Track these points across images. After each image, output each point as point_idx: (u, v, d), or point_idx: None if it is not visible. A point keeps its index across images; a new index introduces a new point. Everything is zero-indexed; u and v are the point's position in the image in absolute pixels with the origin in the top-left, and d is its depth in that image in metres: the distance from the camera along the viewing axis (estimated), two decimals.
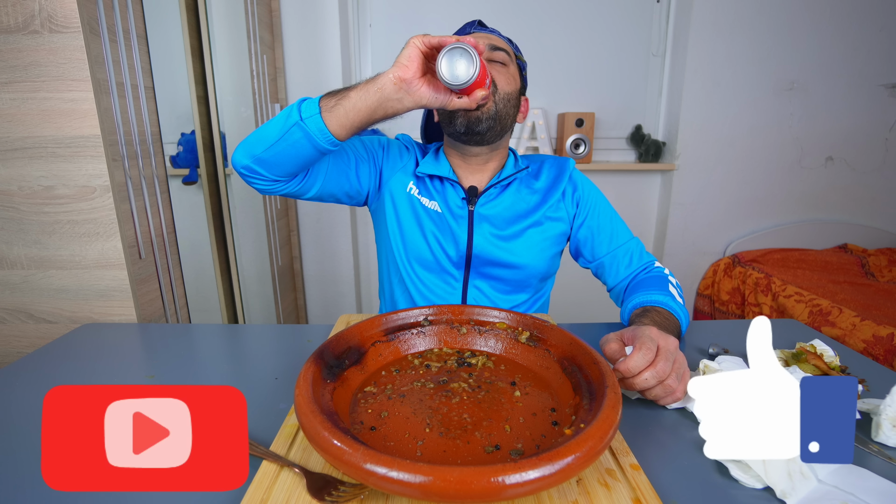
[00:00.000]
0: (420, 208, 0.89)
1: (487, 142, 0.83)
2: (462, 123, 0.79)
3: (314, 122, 0.67)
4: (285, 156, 0.71)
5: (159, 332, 0.86)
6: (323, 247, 2.09)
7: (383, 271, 0.98)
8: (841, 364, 0.64)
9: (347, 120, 0.67)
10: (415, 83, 0.64)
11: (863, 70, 2.12)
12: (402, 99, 0.65)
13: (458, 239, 0.87)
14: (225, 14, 1.46)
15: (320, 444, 0.39)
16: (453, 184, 0.88)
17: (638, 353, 0.54)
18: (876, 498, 0.43)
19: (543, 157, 0.95)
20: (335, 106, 0.67)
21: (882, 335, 1.46)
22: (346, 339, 0.58)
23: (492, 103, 0.79)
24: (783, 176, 2.22)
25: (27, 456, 0.50)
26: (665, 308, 0.75)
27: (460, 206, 0.88)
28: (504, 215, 0.87)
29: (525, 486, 0.35)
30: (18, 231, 0.89)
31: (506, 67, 0.82)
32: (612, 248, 0.89)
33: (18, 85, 0.82)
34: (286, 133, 0.69)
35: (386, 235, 0.93)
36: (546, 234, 0.89)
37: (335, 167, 0.83)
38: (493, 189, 0.87)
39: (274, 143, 0.70)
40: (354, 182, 0.87)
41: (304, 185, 0.79)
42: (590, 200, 0.91)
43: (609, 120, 2.24)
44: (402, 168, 0.91)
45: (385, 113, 0.67)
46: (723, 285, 2.18)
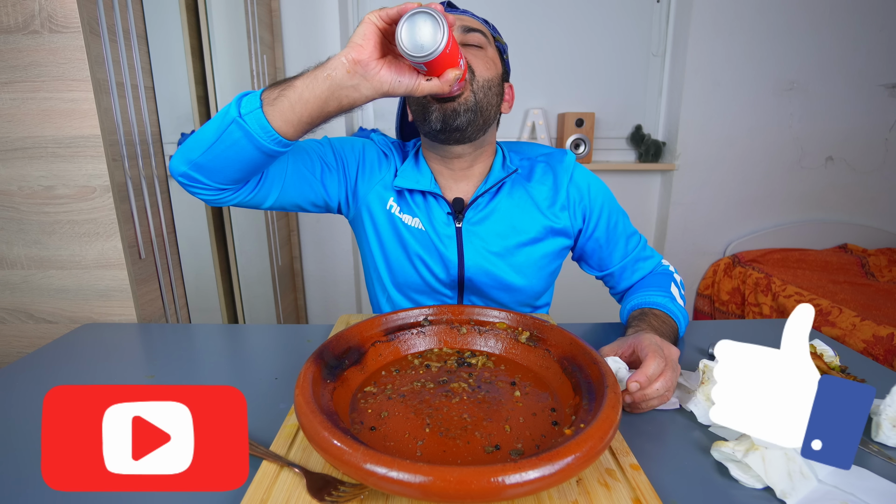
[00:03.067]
0: (402, 228, 0.78)
1: (469, 138, 0.72)
2: (437, 119, 0.68)
3: (254, 118, 0.57)
4: (225, 160, 0.61)
5: (159, 332, 0.86)
6: (323, 247, 2.09)
7: (371, 285, 0.89)
8: (841, 364, 0.64)
9: (294, 114, 0.57)
10: (372, 65, 0.53)
11: (863, 70, 2.12)
12: (357, 86, 0.54)
13: (448, 261, 0.78)
14: (225, 14, 1.46)
15: (320, 444, 0.39)
16: (436, 197, 0.77)
17: (652, 363, 0.54)
18: (876, 498, 0.43)
19: (535, 153, 0.83)
20: (278, 98, 0.57)
21: (882, 335, 1.46)
22: (346, 339, 0.58)
23: (469, 92, 0.68)
24: (783, 176, 2.22)
25: (27, 456, 0.50)
26: (663, 311, 0.74)
27: (446, 223, 0.77)
28: (496, 228, 0.78)
29: (525, 486, 0.35)
30: (18, 231, 0.89)
31: (483, 51, 0.72)
32: (622, 259, 0.83)
33: (18, 85, 0.82)
34: (224, 132, 0.58)
35: (370, 254, 0.84)
36: (546, 250, 0.80)
37: (295, 174, 0.73)
38: (480, 199, 0.77)
39: (211, 145, 0.60)
40: (320, 191, 0.77)
41: (258, 194, 0.69)
42: (597, 209, 0.80)
43: (609, 120, 2.24)
44: (381, 181, 0.80)
45: (339, 104, 0.56)
46: (723, 285, 2.18)
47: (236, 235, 1.50)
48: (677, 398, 0.59)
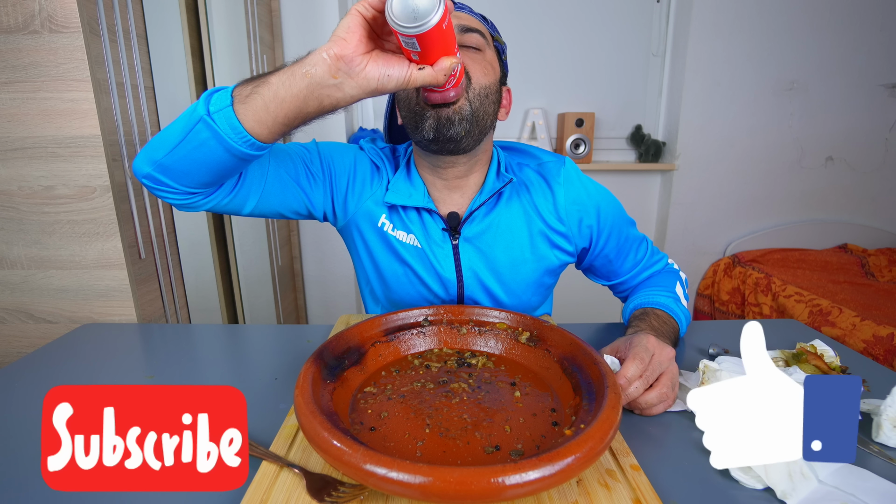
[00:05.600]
0: (398, 245, 0.75)
1: (464, 149, 0.67)
2: (431, 127, 0.63)
3: (224, 116, 0.51)
4: (192, 162, 0.55)
5: (159, 333, 0.86)
6: (323, 247, 2.09)
7: (365, 296, 0.86)
8: (841, 364, 0.64)
9: (268, 114, 0.51)
10: (357, 61, 0.48)
11: (863, 70, 2.12)
12: (341, 84, 0.48)
13: (446, 281, 0.75)
14: (225, 14, 1.46)
15: (320, 444, 0.39)
16: (431, 213, 0.73)
17: (631, 365, 0.55)
18: (876, 498, 0.43)
19: (532, 161, 0.78)
20: (251, 95, 0.51)
21: (882, 335, 1.45)
22: (346, 339, 0.58)
23: (465, 101, 0.63)
24: (783, 176, 2.22)
25: (27, 456, 0.50)
26: (665, 310, 0.74)
27: (441, 240, 0.74)
28: (495, 242, 0.74)
29: (525, 486, 0.35)
30: (18, 231, 0.89)
31: (481, 54, 0.67)
32: (632, 269, 0.81)
33: (18, 85, 0.82)
34: (190, 132, 0.53)
35: (362, 269, 0.81)
36: (547, 266, 0.77)
37: (276, 180, 0.67)
38: (477, 212, 0.73)
39: (176, 145, 0.54)
40: (303, 199, 0.72)
41: (234, 200, 0.64)
42: (606, 228, 0.76)
43: (609, 120, 2.24)
44: (371, 196, 0.75)
45: (320, 104, 0.50)
46: (723, 285, 2.18)
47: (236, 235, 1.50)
48: (680, 399, 0.59)
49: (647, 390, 0.56)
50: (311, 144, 0.76)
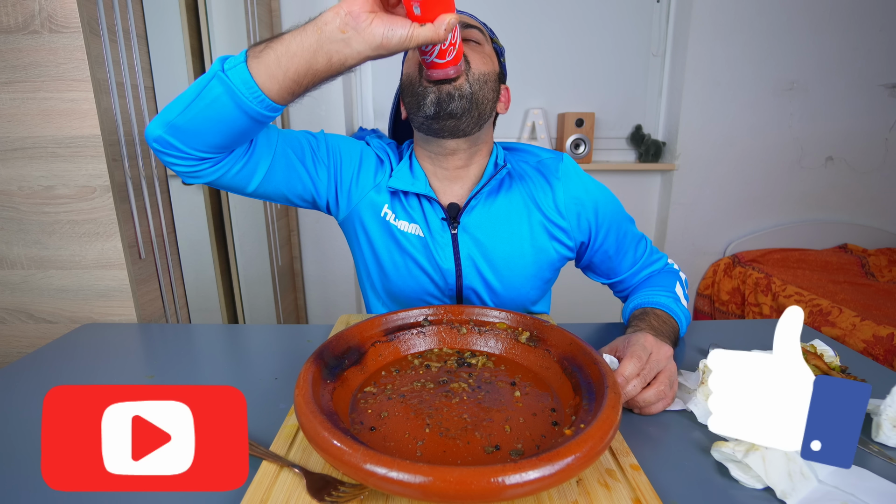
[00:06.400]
0: (399, 235, 0.76)
1: (463, 131, 0.70)
2: (433, 101, 0.66)
3: (238, 72, 0.53)
4: (203, 120, 0.56)
5: (159, 332, 0.86)
6: (323, 247, 2.09)
7: (365, 291, 0.87)
8: (841, 364, 0.64)
9: (279, 69, 0.53)
10: (363, 17, 0.51)
11: (863, 70, 2.12)
12: (349, 39, 0.51)
13: (445, 271, 0.76)
14: (225, 14, 1.46)
15: (320, 444, 0.39)
16: (431, 201, 0.75)
17: (629, 364, 0.55)
18: (876, 498, 0.43)
19: (531, 159, 0.80)
20: (264, 50, 0.53)
21: (882, 335, 1.46)
22: (346, 339, 0.58)
23: (464, 80, 0.67)
24: (783, 176, 2.22)
25: (27, 456, 0.50)
26: (665, 310, 0.74)
27: (441, 229, 0.75)
28: (494, 233, 0.76)
29: (525, 486, 0.35)
30: (18, 231, 0.89)
31: (480, 46, 0.72)
32: (631, 267, 0.82)
33: (18, 85, 0.82)
34: (204, 88, 0.55)
35: (363, 261, 0.82)
36: (547, 258, 0.78)
37: (284, 158, 0.69)
38: (476, 201, 0.75)
39: (190, 103, 0.56)
40: (308, 184, 0.74)
41: (242, 172, 0.65)
42: (605, 224, 0.77)
43: (609, 120, 2.24)
44: (375, 187, 0.77)
45: (329, 60, 0.53)
46: (723, 285, 2.18)
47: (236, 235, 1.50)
48: (679, 398, 0.59)
49: (644, 388, 0.56)
50: (319, 133, 0.78)
